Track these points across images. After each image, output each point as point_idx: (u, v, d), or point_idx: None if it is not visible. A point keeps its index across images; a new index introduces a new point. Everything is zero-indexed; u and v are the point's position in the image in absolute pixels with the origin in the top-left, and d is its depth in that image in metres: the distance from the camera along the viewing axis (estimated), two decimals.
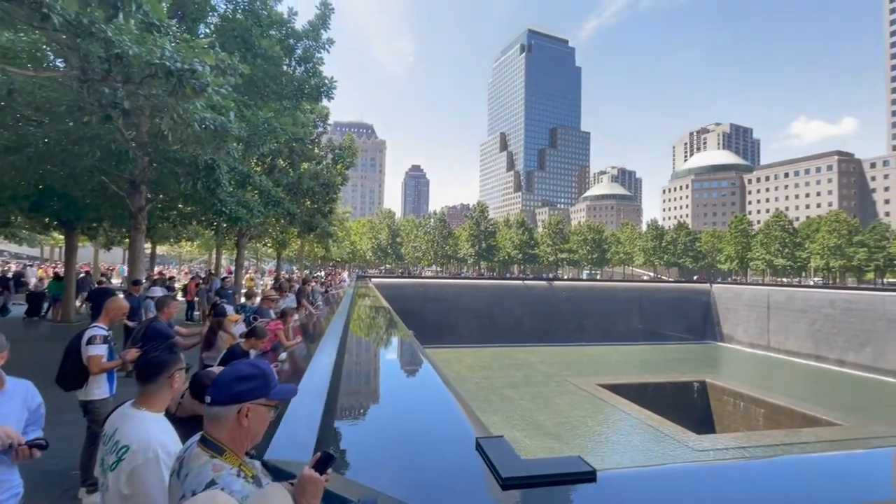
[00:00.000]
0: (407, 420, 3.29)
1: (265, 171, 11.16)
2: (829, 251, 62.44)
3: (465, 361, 34.55)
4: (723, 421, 26.43)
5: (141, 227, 6.44)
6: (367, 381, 4.57)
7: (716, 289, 47.04)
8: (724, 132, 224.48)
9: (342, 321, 6.75)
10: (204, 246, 23.72)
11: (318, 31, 7.64)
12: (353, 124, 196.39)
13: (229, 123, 4.41)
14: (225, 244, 18.57)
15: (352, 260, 60.59)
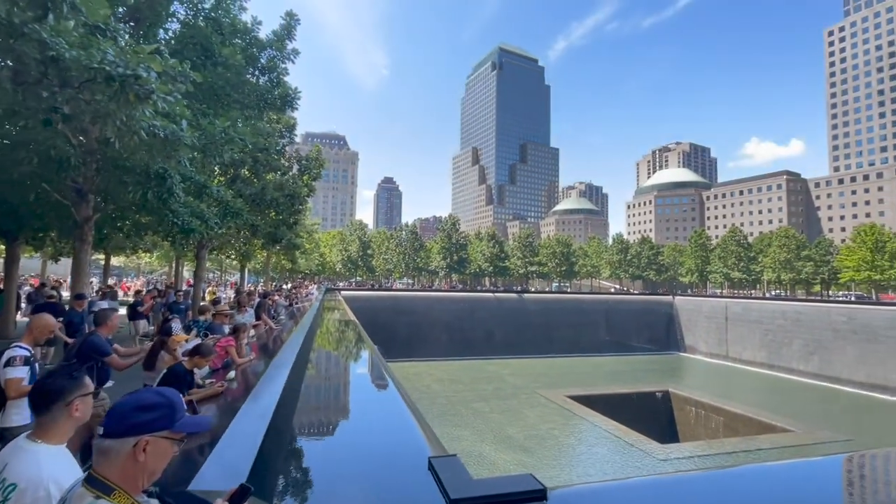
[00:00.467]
0: (360, 439, 3.19)
1: (228, 181, 10.83)
2: (780, 265, 66.18)
3: (435, 375, 34.25)
4: (685, 430, 27.15)
5: (87, 237, 6.06)
6: (321, 398, 4.41)
7: (678, 301, 48.75)
8: (685, 151, 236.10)
9: (302, 336, 6.53)
10: (164, 257, 22.61)
11: (282, 42, 7.55)
12: (325, 135, 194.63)
13: (181, 132, 4.26)
14: (185, 256, 17.81)
15: (321, 272, 59.37)
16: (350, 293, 42.50)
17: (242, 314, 6.68)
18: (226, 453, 2.11)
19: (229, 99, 6.71)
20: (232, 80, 6.65)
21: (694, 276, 73.59)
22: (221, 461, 2.01)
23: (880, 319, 30.42)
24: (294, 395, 4.34)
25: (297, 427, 3.29)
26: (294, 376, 4.65)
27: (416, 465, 2.65)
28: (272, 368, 4.17)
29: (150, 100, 3.49)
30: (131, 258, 34.73)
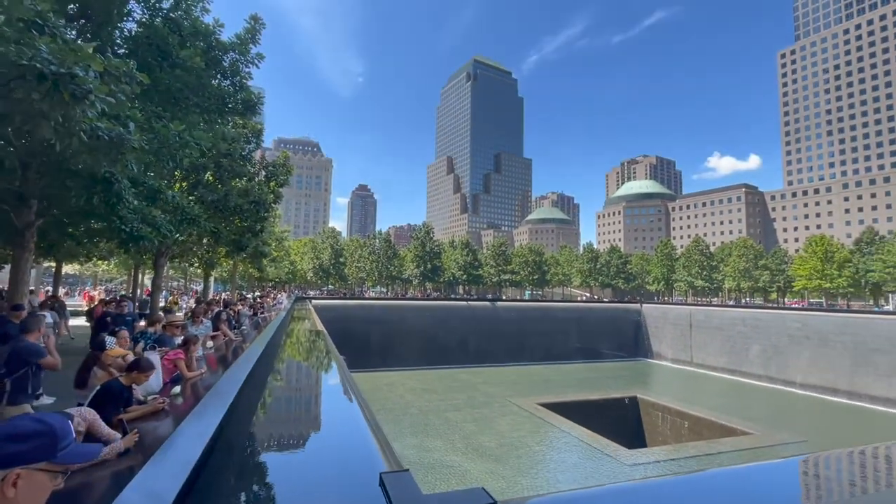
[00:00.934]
0: (312, 455, 3.07)
1: (189, 186, 10.44)
2: (740, 273, 69.26)
3: (409, 385, 33.91)
4: (653, 434, 27.78)
5: (28, 245, 5.67)
6: (274, 412, 4.25)
7: (645, 308, 50.12)
8: (651, 163, 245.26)
9: (261, 348, 6.29)
10: (122, 265, 21.49)
11: (246, 45, 7.37)
12: (298, 141, 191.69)
13: (128, 134, 4.04)
14: (145, 263, 17.02)
15: (292, 281, 57.95)
16: (321, 302, 41.69)
17: (197, 325, 6.37)
18: (153, 477, 1.97)
19: (188, 102, 6.47)
20: (191, 82, 6.42)
21: (660, 284, 76.06)
22: (144, 486, 1.88)
23: (831, 325, 32.18)
24: (245, 409, 4.17)
25: (243, 444, 3.13)
26: (247, 390, 4.47)
27: (366, 482, 2.57)
28: (223, 382, 3.97)
29: (87, 100, 3.29)
30: (87, 266, 32.90)
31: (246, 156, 12.00)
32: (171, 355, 4.50)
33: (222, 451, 2.89)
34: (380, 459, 3.04)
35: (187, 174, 10.60)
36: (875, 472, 2.41)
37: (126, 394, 3.24)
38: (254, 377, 5.08)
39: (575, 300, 69.61)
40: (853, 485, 2.12)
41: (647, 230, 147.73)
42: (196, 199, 10.39)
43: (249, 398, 4.45)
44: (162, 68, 6.02)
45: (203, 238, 11.46)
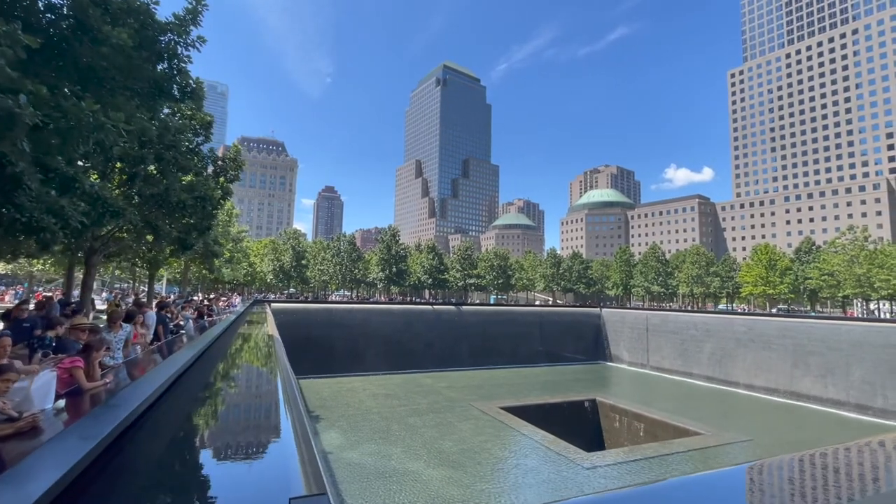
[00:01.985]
0: (218, 478, 2.69)
1: (127, 178, 9.60)
2: (693, 279, 72.60)
3: (371, 390, 33.14)
4: (611, 437, 28.37)
5: None
6: (183, 427, 3.79)
7: (605, 313, 51.49)
8: (612, 173, 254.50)
9: (191, 353, 5.74)
10: (59, 263, 19.71)
11: (185, 26, 6.81)
12: (262, 140, 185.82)
13: (17, 108, 3.49)
14: (80, 262, 15.66)
15: (251, 283, 55.60)
16: (280, 305, 40.21)
17: (115, 330, 5.70)
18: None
19: (114, 83, 5.86)
20: (118, 62, 5.83)
21: (619, 289, 78.60)
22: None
23: (773, 329, 34.08)
24: (148, 425, 3.70)
25: (133, 465, 2.71)
26: (158, 402, 3.99)
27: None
28: (124, 394, 3.50)
29: None
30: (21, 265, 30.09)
31: (193, 149, 11.25)
32: (66, 363, 3.93)
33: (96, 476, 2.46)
34: (298, 481, 2.70)
35: (126, 165, 9.78)
36: (813, 479, 2.37)
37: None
38: (174, 387, 4.58)
39: (539, 304, 70.80)
40: (794, 493, 2.08)
41: (608, 237, 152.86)
42: (131, 193, 9.59)
43: (159, 412, 3.97)
44: (82, 43, 5.40)
45: (142, 235, 10.58)
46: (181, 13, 6.84)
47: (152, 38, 6.56)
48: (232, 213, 34.58)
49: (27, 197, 4.38)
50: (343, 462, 18.90)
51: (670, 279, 75.04)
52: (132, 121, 5.61)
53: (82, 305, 10.18)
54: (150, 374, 4.28)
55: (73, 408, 3.24)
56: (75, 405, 3.33)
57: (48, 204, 4.69)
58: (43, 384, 3.31)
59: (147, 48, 6.43)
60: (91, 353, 4.13)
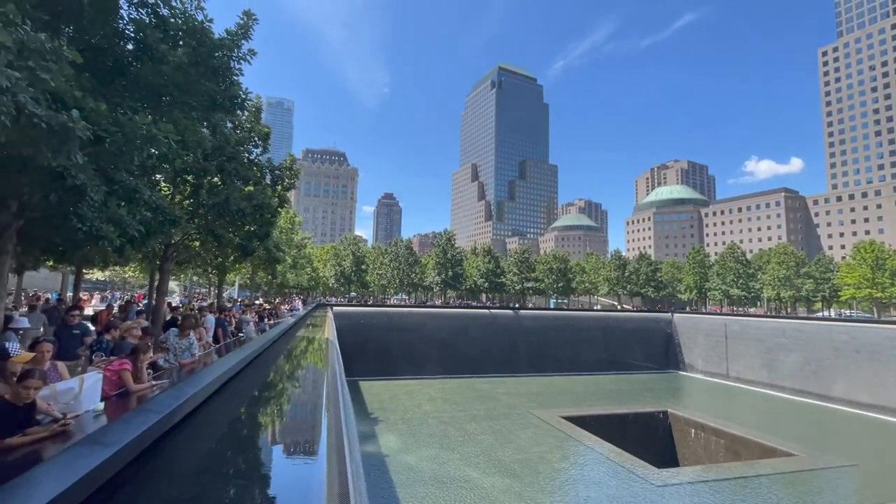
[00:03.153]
0: (235, 491, 2.57)
1: (192, 189, 10.36)
2: (780, 282, 65.46)
3: (428, 394, 33.33)
4: (685, 453, 26.13)
5: (5, 247, 5.49)
6: (215, 432, 3.77)
7: (676, 318, 47.92)
8: (683, 168, 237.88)
9: (240, 356, 5.89)
10: (143, 270, 21.96)
11: (236, 41, 7.13)
12: (324, 152, 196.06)
13: (70, 123, 3.72)
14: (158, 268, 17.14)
15: (315, 287, 58.41)
16: (342, 309, 41.77)
17: (184, 336, 5.95)
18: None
19: (172, 98, 6.25)
20: (176, 79, 6.19)
21: (692, 292, 72.82)
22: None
23: (883, 338, 29.63)
24: (190, 427, 3.71)
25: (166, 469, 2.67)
26: (200, 402, 4.03)
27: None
28: (164, 395, 3.56)
29: None
30: (116, 272, 34.00)
31: (253, 160, 11.88)
32: (114, 365, 4.10)
33: (125, 482, 2.41)
34: (320, 490, 2.51)
35: (193, 177, 10.51)
36: None
37: (19, 413, 2.81)
38: (223, 390, 4.64)
39: (604, 308, 67.47)
40: None
41: (679, 237, 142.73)
42: (199, 202, 10.27)
43: (203, 415, 4.00)
44: (143, 63, 5.81)
45: (207, 243, 11.36)
46: (233, 28, 7.19)
47: (207, 54, 6.90)
48: (294, 220, 36.52)
49: (89, 208, 4.73)
50: (401, 465, 19.00)
51: (752, 281, 68.24)
52: (187, 134, 5.92)
53: (157, 309, 11.07)
54: (195, 378, 4.38)
55: (113, 410, 3.33)
56: (115, 408, 3.43)
57: (108, 214, 5.04)
58: (90, 386, 3.45)
59: (202, 64, 6.77)
60: (138, 356, 4.30)
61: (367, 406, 29.29)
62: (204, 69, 6.78)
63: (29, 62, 3.35)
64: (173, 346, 5.92)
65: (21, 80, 3.21)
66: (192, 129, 6.04)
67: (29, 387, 2.81)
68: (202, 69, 6.79)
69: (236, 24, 7.31)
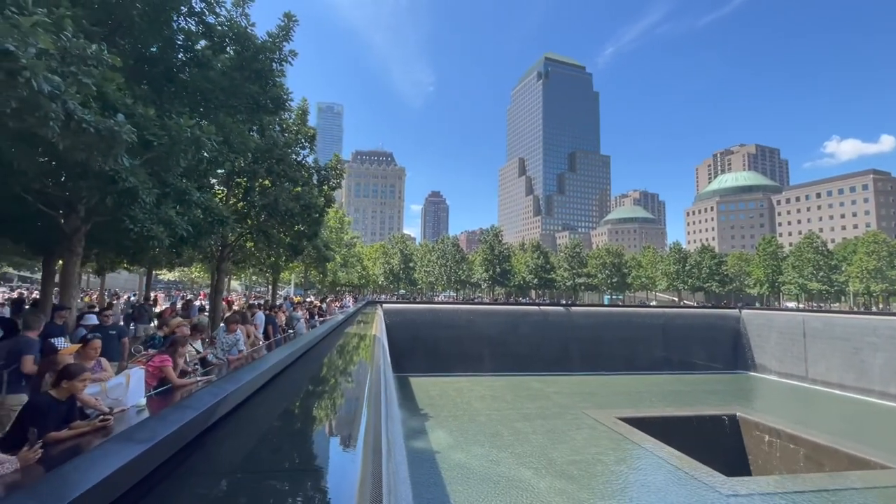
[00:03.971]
0: (262, 493, 2.49)
1: (243, 191, 10.86)
2: (869, 274, 58.64)
3: (477, 391, 33.12)
4: (758, 461, 24.09)
5: (76, 250, 5.96)
6: (256, 431, 3.74)
7: (745, 314, 44.38)
8: (750, 153, 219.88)
9: (285, 353, 5.98)
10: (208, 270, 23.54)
11: (278, 44, 7.30)
12: (372, 153, 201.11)
13: (116, 127, 3.90)
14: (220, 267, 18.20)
15: (365, 285, 60.07)
16: (391, 306, 42.53)
17: (231, 332, 6.15)
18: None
19: (217, 102, 6.49)
20: (222, 84, 6.42)
21: (763, 287, 67.07)
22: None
23: None
24: (229, 424, 3.72)
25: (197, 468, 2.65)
26: (238, 398, 4.05)
27: None
28: (204, 392, 3.60)
29: (20, 77, 3.10)
30: (184, 272, 36.76)
31: (300, 161, 12.24)
32: (156, 361, 4.25)
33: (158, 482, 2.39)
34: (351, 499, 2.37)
35: (244, 179, 11.00)
36: None
37: (62, 408, 2.94)
38: (267, 387, 4.69)
39: (662, 304, 63.86)
40: None
41: (746, 227, 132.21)
42: (252, 202, 10.73)
43: (244, 412, 4.03)
44: (190, 69, 6.07)
45: (259, 243, 11.89)
46: (274, 31, 7.35)
47: (251, 58, 7.08)
48: (344, 220, 37.62)
49: (141, 209, 4.98)
50: (451, 463, 18.94)
51: (835, 274, 61.65)
52: (232, 136, 6.12)
53: (215, 307, 11.73)
54: (236, 375, 4.46)
55: (154, 406, 3.42)
56: (156, 403, 3.53)
57: (159, 216, 5.30)
58: (135, 381, 3.59)
59: (246, 68, 6.96)
60: (176, 349, 4.44)
61: (417, 402, 29.60)
62: (248, 72, 6.97)
63: (71, 67, 3.53)
64: (221, 342, 6.15)
65: (70, 87, 3.38)
66: (236, 131, 6.24)
67: (85, 380, 2.93)
68: (246, 72, 6.98)
69: (277, 27, 7.48)
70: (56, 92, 3.30)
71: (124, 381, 3.50)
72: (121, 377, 3.60)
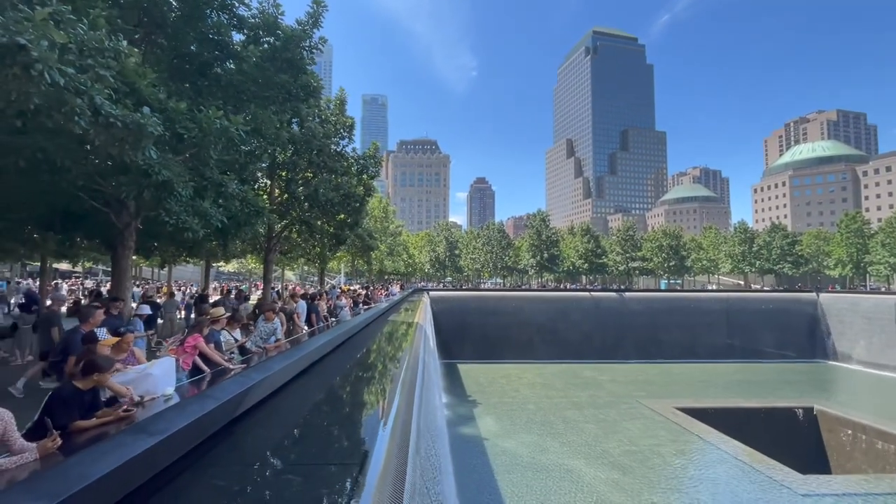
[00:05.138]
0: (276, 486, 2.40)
1: (284, 183, 11.14)
2: None
3: (526, 378, 32.70)
4: (840, 459, 21.97)
5: (128, 244, 6.33)
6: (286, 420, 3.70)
7: (824, 298, 40.42)
8: (830, 120, 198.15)
9: (323, 340, 6.02)
10: (259, 262, 24.78)
11: (308, 32, 7.24)
12: (417, 142, 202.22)
13: (141, 119, 3.97)
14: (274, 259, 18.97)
15: (412, 273, 60.80)
16: (438, 293, 42.80)
17: (269, 321, 6.32)
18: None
19: (250, 94, 6.56)
20: (253, 75, 6.48)
21: (846, 268, 60.60)
22: None
23: None
24: (262, 413, 3.71)
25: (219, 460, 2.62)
26: (269, 388, 4.05)
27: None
28: (230, 381, 3.61)
29: (33, 69, 3.15)
30: (243, 263, 38.97)
31: (340, 151, 12.34)
32: (189, 341, 4.34)
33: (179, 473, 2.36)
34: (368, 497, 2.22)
35: (287, 172, 11.26)
36: None
37: (86, 398, 3.01)
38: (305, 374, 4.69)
39: (725, 289, 59.59)
40: None
41: (825, 202, 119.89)
42: (295, 192, 10.98)
43: (276, 401, 4.03)
44: (223, 63, 6.16)
45: (303, 234, 12.21)
46: (303, 18, 7.30)
47: (282, 48, 7.08)
48: (388, 209, 38.08)
49: (177, 202, 5.14)
50: (499, 450, 18.81)
51: None
52: (264, 127, 6.17)
53: (264, 296, 12.23)
54: (265, 363, 4.49)
55: (181, 394, 3.47)
56: (183, 392, 3.59)
57: (195, 208, 5.45)
58: (164, 370, 3.68)
59: (278, 58, 6.97)
60: (201, 328, 4.55)
61: (465, 388, 29.70)
62: (280, 62, 6.98)
63: (88, 60, 3.60)
64: (259, 331, 6.31)
65: (90, 81, 3.45)
66: (268, 121, 6.29)
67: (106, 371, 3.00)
68: (278, 63, 6.99)
69: (306, 13, 7.42)
70: (82, 88, 3.38)
71: (153, 371, 3.60)
72: (150, 367, 3.71)
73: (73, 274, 43.48)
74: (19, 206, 7.00)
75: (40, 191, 5.94)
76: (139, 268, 40.95)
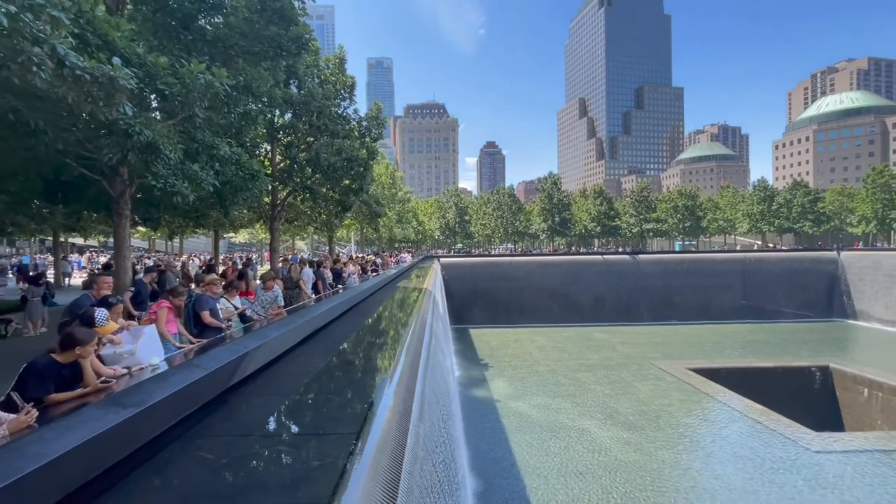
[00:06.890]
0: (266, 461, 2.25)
1: (285, 147, 10.79)
2: None
3: (538, 342, 32.93)
4: (854, 416, 21.94)
5: (123, 212, 6.17)
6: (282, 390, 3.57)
7: (845, 257, 39.41)
8: (860, 69, 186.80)
9: (329, 305, 5.90)
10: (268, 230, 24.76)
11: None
12: (424, 105, 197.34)
13: (112, 72, 3.66)
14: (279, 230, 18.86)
15: (423, 241, 60.64)
16: (448, 260, 42.80)
17: (268, 289, 6.19)
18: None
19: (238, 49, 6.14)
20: (241, 28, 6.03)
21: (870, 224, 58.68)
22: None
23: None
24: (261, 380, 3.58)
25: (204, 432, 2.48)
26: (264, 356, 3.91)
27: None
28: (220, 349, 3.47)
29: None
30: (254, 233, 39.14)
31: (341, 113, 11.86)
32: (154, 307, 4.28)
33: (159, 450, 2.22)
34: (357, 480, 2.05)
35: (286, 135, 10.88)
36: None
37: (64, 371, 2.87)
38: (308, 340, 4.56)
39: (744, 249, 58.43)
40: None
41: (851, 157, 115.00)
42: (295, 157, 10.64)
43: (277, 368, 3.90)
44: (204, 14, 5.72)
45: (305, 200, 11.95)
46: None
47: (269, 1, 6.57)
48: (395, 175, 37.46)
49: (164, 165, 4.89)
50: (511, 411, 19.13)
51: None
52: (254, 84, 5.80)
53: (272, 264, 12.15)
54: (259, 331, 4.37)
55: (170, 364, 3.34)
56: (171, 361, 3.46)
57: (184, 171, 5.20)
58: (145, 340, 3.56)
59: (266, 9, 6.49)
60: (176, 295, 4.49)
61: (476, 352, 30.06)
62: (269, 13, 6.50)
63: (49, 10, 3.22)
64: (260, 299, 6.22)
65: (54, 30, 3.13)
66: (260, 78, 5.90)
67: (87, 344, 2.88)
68: (267, 14, 6.51)
69: None
70: (41, 36, 3.06)
71: (132, 348, 3.49)
72: (128, 338, 3.61)
73: (88, 248, 44.39)
74: (9, 176, 6.85)
75: (24, 158, 5.74)
76: (152, 240, 41.55)
